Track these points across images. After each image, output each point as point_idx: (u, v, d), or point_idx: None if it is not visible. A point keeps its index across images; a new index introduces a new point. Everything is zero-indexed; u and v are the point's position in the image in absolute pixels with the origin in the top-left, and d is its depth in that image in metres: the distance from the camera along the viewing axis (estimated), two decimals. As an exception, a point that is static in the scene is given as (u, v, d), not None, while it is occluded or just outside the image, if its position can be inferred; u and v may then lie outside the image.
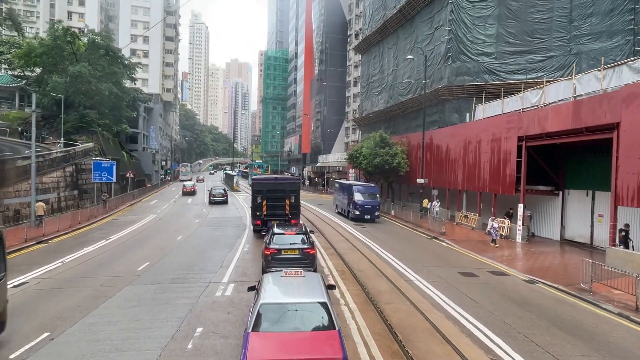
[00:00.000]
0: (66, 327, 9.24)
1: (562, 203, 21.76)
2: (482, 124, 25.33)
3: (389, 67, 42.94)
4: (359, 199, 27.54)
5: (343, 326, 9.18)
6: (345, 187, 30.89)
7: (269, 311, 6.70)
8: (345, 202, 29.65)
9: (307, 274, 8.21)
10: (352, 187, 28.53)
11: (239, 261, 15.80)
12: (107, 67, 43.12)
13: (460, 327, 9.51)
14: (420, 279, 13.73)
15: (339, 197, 32.50)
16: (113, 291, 11.88)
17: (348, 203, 28.81)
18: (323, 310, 6.77)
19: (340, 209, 31.60)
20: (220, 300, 11.14)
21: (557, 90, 19.69)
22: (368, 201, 27.63)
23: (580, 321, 10.24)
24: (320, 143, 75.77)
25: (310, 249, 13.10)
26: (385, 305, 10.85)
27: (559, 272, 14.97)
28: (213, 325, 9.37)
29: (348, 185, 30.11)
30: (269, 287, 7.53)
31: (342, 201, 31.26)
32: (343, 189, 31.50)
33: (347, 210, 29.29)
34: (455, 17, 31.00)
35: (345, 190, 30.21)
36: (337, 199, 33.49)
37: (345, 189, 30.28)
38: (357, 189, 28.10)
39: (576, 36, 27.43)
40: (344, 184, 32.22)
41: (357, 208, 27.28)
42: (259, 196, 21.00)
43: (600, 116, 16.11)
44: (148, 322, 9.53)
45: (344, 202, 30.14)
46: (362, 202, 27.43)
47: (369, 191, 28.37)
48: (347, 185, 30.47)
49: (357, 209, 27.28)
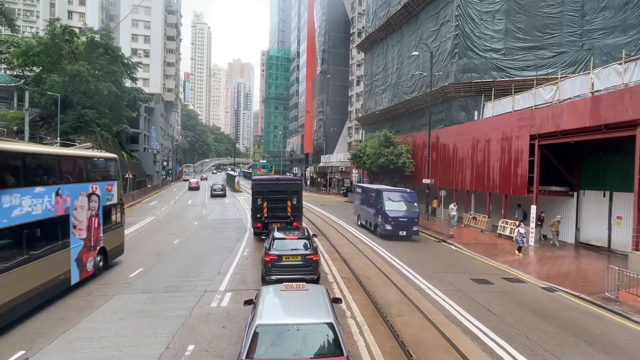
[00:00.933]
0: (44, 344, 8.38)
1: (577, 204, 20.77)
2: (492, 122, 24.36)
3: (392, 65, 42.00)
4: (391, 209, 21.03)
5: (350, 343, 8.28)
6: (370, 193, 23.75)
7: (267, 333, 5.79)
8: (372, 212, 22.99)
9: (311, 287, 7.30)
10: (380, 193, 21.81)
11: (237, 267, 14.91)
12: (106, 66, 42.34)
13: (480, 344, 8.59)
14: (431, 286, 12.80)
15: (362, 206, 25.46)
16: (101, 301, 11.01)
17: (376, 214, 22.15)
18: (329, 333, 5.85)
19: (364, 221, 24.74)
20: (215, 312, 10.26)
21: (573, 85, 18.72)
22: (403, 212, 21.07)
23: (611, 336, 9.30)
24: (322, 143, 74.89)
25: (314, 254, 12.20)
26: (396, 317, 9.94)
27: (579, 279, 14.01)
28: (206, 341, 8.48)
29: (375, 191, 22.88)
30: (267, 304, 6.62)
31: (366, 211, 24.45)
32: (367, 195, 24.45)
33: (373, 223, 22.68)
34: (462, 13, 30.05)
35: (371, 197, 23.38)
36: (360, 208, 26.15)
37: (371, 196, 23.41)
38: (388, 196, 21.61)
39: (588, 31, 26.44)
40: (369, 188, 24.69)
41: (389, 221, 20.76)
42: (259, 197, 20.11)
43: (622, 112, 15.13)
44: (135, 338, 8.65)
45: (370, 212, 23.53)
46: (396, 212, 20.93)
47: (404, 198, 21.76)
48: (374, 190, 23.16)
49: (389, 223, 20.76)
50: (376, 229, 22.11)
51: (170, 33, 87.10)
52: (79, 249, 12.15)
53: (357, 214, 26.91)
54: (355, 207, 28.41)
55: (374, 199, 22.65)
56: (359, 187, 27.88)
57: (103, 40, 43.97)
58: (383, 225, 21.08)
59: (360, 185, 28.79)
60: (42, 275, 10.20)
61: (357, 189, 28.32)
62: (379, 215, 21.54)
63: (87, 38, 43.63)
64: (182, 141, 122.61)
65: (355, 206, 28.47)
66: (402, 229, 20.71)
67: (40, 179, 10.64)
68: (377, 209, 21.90)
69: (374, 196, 22.86)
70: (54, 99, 37.34)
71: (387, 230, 20.78)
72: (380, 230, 21.44)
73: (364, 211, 25.01)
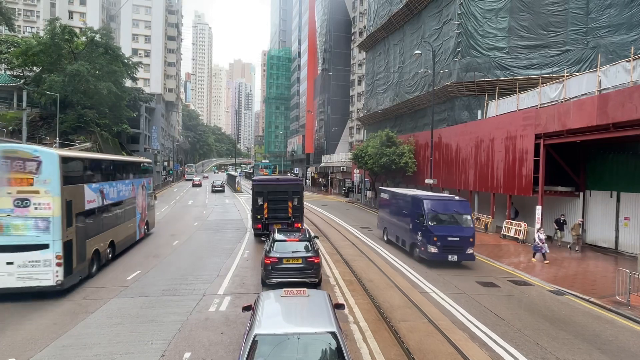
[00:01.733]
0: (35, 351, 8.06)
1: (584, 205, 20.38)
2: (496, 121, 23.98)
3: (394, 64, 41.64)
4: (437, 224, 15.47)
5: (353, 350, 7.96)
6: (404, 202, 18.38)
7: (266, 343, 5.45)
8: (406, 227, 17.50)
9: (312, 293, 6.95)
10: (420, 203, 16.19)
11: (237, 269, 14.58)
12: (106, 66, 42.04)
13: (489, 352, 8.24)
14: (436, 290, 12.45)
15: (392, 217, 19.95)
16: (96, 305, 10.70)
17: (413, 230, 16.66)
18: (332, 342, 5.51)
19: (394, 237, 19.32)
20: (214, 317, 9.93)
21: (580, 83, 18.33)
22: (454, 228, 15.53)
23: (625, 342, 8.94)
24: (323, 143, 74.54)
25: (315, 257, 11.87)
26: (400, 323, 9.60)
27: (587, 282, 13.64)
28: (204, 349, 8.15)
29: (412, 199, 17.27)
30: (266, 311, 6.28)
31: (397, 225, 19.04)
32: (399, 203, 19.08)
33: (408, 241, 17.29)
34: (465, 11, 29.69)
35: (405, 206, 18.04)
36: (387, 219, 20.65)
37: (405, 205, 18.07)
38: (430, 206, 15.93)
39: (593, 29, 26.04)
40: (402, 195, 19.01)
41: (434, 242, 15.11)
42: (259, 198, 19.78)
43: (631, 111, 14.74)
44: (130, 345, 8.33)
45: (403, 226, 18.05)
46: (443, 229, 15.35)
47: (454, 209, 16.03)
48: (410, 198, 17.58)
49: (434, 244, 15.10)
50: (413, 249, 16.66)
51: (171, 33, 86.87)
52: (139, 219, 19.42)
53: (384, 226, 21.10)
54: (380, 217, 22.47)
55: (410, 209, 17.22)
56: (386, 192, 21.70)
57: (103, 39, 43.69)
58: (425, 247, 15.45)
59: (387, 190, 22.01)
60: (127, 231, 17.52)
61: (383, 195, 22.15)
62: (418, 233, 16.02)
63: (87, 38, 43.39)
64: (183, 141, 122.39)
65: (380, 217, 22.49)
66: (452, 252, 15.13)
67: (125, 175, 17.76)
68: (416, 224, 16.40)
69: (409, 206, 17.48)
70: (54, 99, 37.10)
71: (432, 253, 15.17)
72: (420, 252, 15.93)
73: (394, 224, 19.53)
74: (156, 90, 76.38)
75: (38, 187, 11.19)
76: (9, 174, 11.03)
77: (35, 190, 11.19)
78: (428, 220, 15.54)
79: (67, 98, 39.22)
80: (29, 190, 11.16)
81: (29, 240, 11.07)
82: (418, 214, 16.23)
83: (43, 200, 11.18)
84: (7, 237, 10.93)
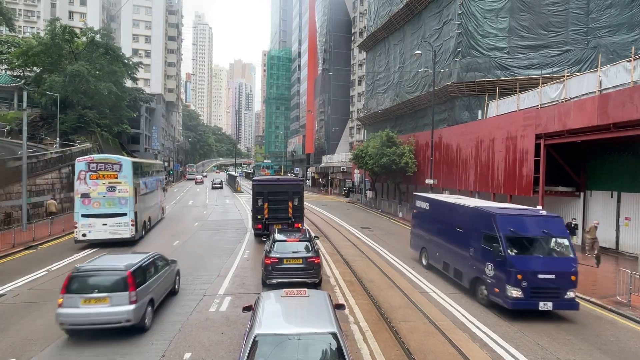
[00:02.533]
0: (36, 351, 8.07)
1: (584, 205, 20.37)
2: (496, 121, 23.97)
3: (395, 64, 41.64)
4: (520, 254, 10.48)
5: (353, 351, 7.95)
6: (460, 215, 13.06)
7: (266, 343, 5.45)
8: (465, 252, 12.18)
9: (312, 294, 6.95)
10: (491, 219, 11.08)
11: (237, 270, 14.58)
12: (106, 66, 42.06)
13: (489, 352, 8.24)
14: (437, 290, 12.44)
15: (436, 235, 14.60)
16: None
17: (479, 258, 11.38)
18: (332, 342, 5.51)
19: (440, 263, 13.99)
20: (214, 317, 9.93)
21: (580, 84, 18.32)
22: (546, 260, 10.52)
23: (625, 343, 8.94)
24: (324, 143, 74.56)
25: (315, 257, 11.87)
26: (401, 323, 9.60)
27: (588, 282, 13.62)
28: (204, 349, 8.15)
29: (476, 212, 12.07)
30: (267, 311, 6.28)
31: (446, 246, 13.66)
32: (449, 217, 13.75)
33: (469, 274, 11.90)
34: (465, 11, 29.69)
35: (462, 221, 12.77)
36: (428, 238, 15.24)
37: (462, 220, 12.79)
38: (509, 224, 10.83)
39: (594, 29, 26.04)
40: (455, 206, 13.57)
41: (516, 281, 10.09)
42: (260, 198, 19.77)
43: (631, 111, 14.73)
44: (129, 345, 8.32)
45: (458, 251, 12.71)
46: (532, 262, 10.37)
47: (543, 229, 10.90)
48: (472, 211, 12.30)
49: (517, 284, 10.09)
50: (477, 287, 11.43)
51: (171, 33, 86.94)
52: (159, 205, 26.41)
53: (421, 246, 15.79)
54: (415, 233, 16.75)
55: (471, 227, 11.99)
56: (425, 200, 16.04)
57: (103, 40, 43.72)
58: (501, 287, 10.23)
59: (427, 197, 16.27)
60: (155, 213, 24.53)
61: (420, 203, 16.44)
62: (488, 264, 10.81)
63: (87, 38, 43.41)
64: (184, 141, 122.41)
65: (415, 232, 16.76)
66: (544, 297, 10.00)
67: (155, 172, 25.35)
68: (483, 251, 11.11)
69: (469, 222, 12.19)
70: (54, 99, 37.14)
71: (513, 299, 9.96)
72: (491, 294, 10.67)
73: (440, 246, 14.07)
74: (156, 91, 76.45)
75: (120, 179, 18.39)
76: (104, 171, 18.31)
77: (119, 181, 18.38)
78: (506, 247, 10.26)
79: (68, 98, 39.25)
80: (115, 181, 18.36)
81: (116, 211, 18.22)
82: (487, 235, 11.00)
83: (123, 187, 18.42)
84: (103, 209, 18.05)
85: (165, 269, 11.04)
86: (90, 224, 17.89)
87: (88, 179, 18.12)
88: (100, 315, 8.28)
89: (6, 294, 11.76)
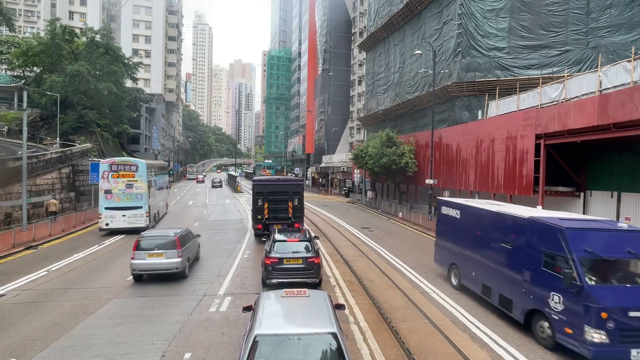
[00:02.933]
0: (36, 351, 8.07)
1: (584, 205, 20.35)
2: (496, 121, 23.97)
3: (395, 64, 41.65)
4: (601, 283, 7.96)
5: (353, 351, 7.96)
6: (505, 226, 10.42)
7: (266, 343, 5.45)
8: (516, 275, 9.58)
9: (312, 294, 6.95)
10: (557, 235, 8.49)
11: (237, 270, 14.59)
12: (106, 66, 42.10)
13: (489, 352, 8.24)
14: (437, 290, 12.44)
15: (471, 250, 11.94)
16: (96, 306, 10.70)
17: (538, 284, 8.81)
18: (332, 342, 5.51)
19: (479, 286, 11.24)
20: (214, 317, 9.93)
21: (580, 84, 18.31)
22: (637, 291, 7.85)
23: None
24: (324, 143, 74.58)
25: (315, 257, 11.87)
26: (401, 323, 9.60)
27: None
28: (204, 349, 8.15)
29: (530, 224, 9.43)
30: (267, 311, 6.28)
31: (486, 265, 10.99)
32: (490, 227, 11.17)
33: (521, 304, 9.29)
34: (466, 11, 29.69)
35: (509, 234, 10.15)
36: (461, 253, 12.55)
37: (509, 232, 10.17)
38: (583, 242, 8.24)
39: (594, 29, 26.03)
40: (498, 215, 10.86)
41: (599, 321, 7.41)
42: (260, 198, 19.77)
43: (631, 111, 14.73)
44: (130, 345, 8.33)
45: (504, 272, 10.09)
46: (619, 294, 7.71)
47: (628, 247, 8.13)
48: (524, 222, 9.65)
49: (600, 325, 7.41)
50: (535, 323, 8.91)
51: (171, 33, 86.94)
52: (165, 202, 30.16)
53: (450, 262, 13.10)
54: (440, 245, 14.09)
55: (523, 243, 9.61)
56: (455, 206, 13.30)
57: (103, 40, 43.77)
58: (577, 328, 7.75)
59: (457, 203, 13.44)
60: (162, 208, 28.37)
61: (447, 210, 13.65)
62: (553, 295, 8.39)
63: (87, 38, 43.43)
64: (184, 141, 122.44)
65: (440, 245, 14.10)
66: (637, 342, 7.46)
67: (162, 172, 30.07)
68: (545, 277, 8.71)
69: (520, 236, 9.76)
70: (54, 99, 37.17)
71: (594, 344, 7.44)
72: (560, 335, 8.16)
73: (479, 264, 11.32)
74: (156, 91, 76.46)
75: (137, 178, 22.04)
76: (124, 171, 21.91)
77: (136, 180, 22.02)
78: (583, 274, 7.85)
79: (68, 98, 39.29)
80: (132, 180, 21.98)
81: (133, 204, 21.86)
82: (551, 256, 8.63)
83: (139, 185, 22.09)
84: (123, 202, 21.72)
85: (193, 240, 15.00)
86: (112, 215, 21.39)
87: (110, 177, 21.65)
88: (159, 264, 12.54)
89: (6, 294, 11.77)
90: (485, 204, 12.62)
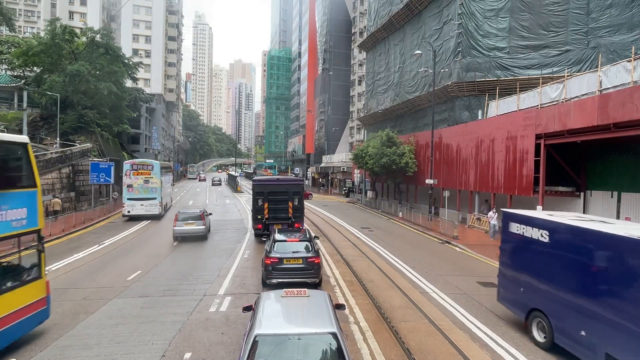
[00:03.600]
0: (36, 351, 8.08)
1: (584, 205, 20.35)
2: (496, 121, 23.98)
3: (395, 64, 41.64)
4: None
5: (353, 351, 7.96)
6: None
7: (266, 343, 5.45)
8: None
9: (312, 294, 6.95)
10: None
11: (237, 270, 14.59)
12: (106, 66, 42.07)
13: (490, 352, 8.24)
14: (436, 290, 12.44)
15: (581, 298, 7.39)
16: (97, 305, 10.70)
17: None
18: (332, 342, 5.50)
19: (604, 357, 6.69)
20: (214, 317, 9.93)
21: (580, 84, 18.32)
22: None
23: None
24: (324, 143, 74.58)
25: (315, 257, 11.87)
26: (401, 323, 9.60)
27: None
28: (204, 349, 8.15)
29: None
30: (267, 311, 6.28)
31: (612, 323, 6.59)
32: (623, 267, 6.59)
33: None
34: (466, 11, 29.69)
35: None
36: (556, 297, 8.00)
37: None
38: None
39: (594, 29, 26.02)
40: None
41: None
42: (260, 198, 19.76)
43: (631, 111, 14.73)
44: (130, 345, 8.33)
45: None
46: None
47: None
48: None
49: None
50: None
51: (171, 33, 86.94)
52: (170, 195, 37.00)
53: (533, 306, 8.73)
54: (509, 278, 9.75)
55: None
56: (540, 225, 8.70)
57: (103, 40, 43.75)
58: None
59: (542, 220, 8.80)
60: (169, 200, 34.91)
61: (524, 230, 9.18)
62: None
63: (87, 38, 43.40)
64: (184, 141, 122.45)
65: (509, 277, 9.75)
66: None
67: (169, 171, 41.05)
68: None
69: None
70: (54, 99, 37.15)
71: None
72: None
73: (597, 318, 7.02)
74: (156, 91, 76.45)
75: (152, 175, 27.46)
76: (142, 170, 27.33)
77: (151, 177, 27.41)
78: None
79: (68, 98, 39.27)
80: (149, 176, 27.36)
81: (149, 196, 27.20)
82: None
83: (154, 180, 27.44)
84: (141, 194, 27.04)
85: (209, 216, 22.24)
86: (133, 205, 26.93)
87: (132, 174, 27.14)
88: (192, 230, 19.63)
89: (6, 294, 11.74)
90: (588, 223, 8.08)
